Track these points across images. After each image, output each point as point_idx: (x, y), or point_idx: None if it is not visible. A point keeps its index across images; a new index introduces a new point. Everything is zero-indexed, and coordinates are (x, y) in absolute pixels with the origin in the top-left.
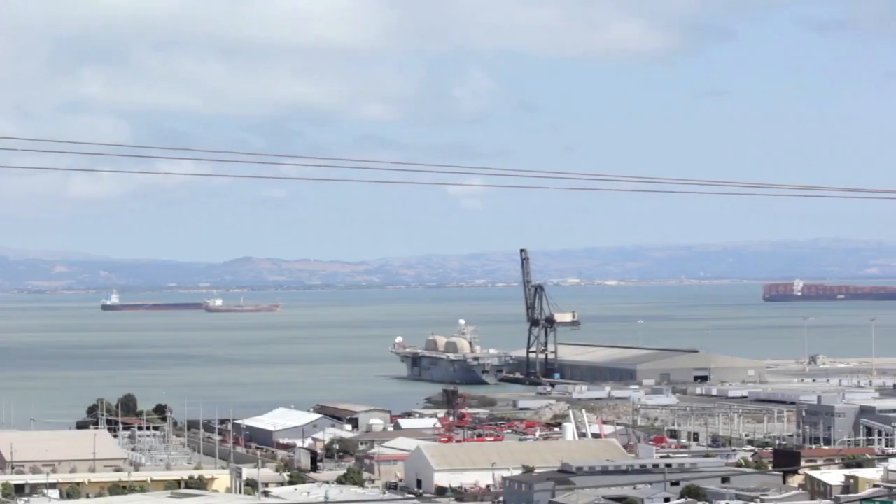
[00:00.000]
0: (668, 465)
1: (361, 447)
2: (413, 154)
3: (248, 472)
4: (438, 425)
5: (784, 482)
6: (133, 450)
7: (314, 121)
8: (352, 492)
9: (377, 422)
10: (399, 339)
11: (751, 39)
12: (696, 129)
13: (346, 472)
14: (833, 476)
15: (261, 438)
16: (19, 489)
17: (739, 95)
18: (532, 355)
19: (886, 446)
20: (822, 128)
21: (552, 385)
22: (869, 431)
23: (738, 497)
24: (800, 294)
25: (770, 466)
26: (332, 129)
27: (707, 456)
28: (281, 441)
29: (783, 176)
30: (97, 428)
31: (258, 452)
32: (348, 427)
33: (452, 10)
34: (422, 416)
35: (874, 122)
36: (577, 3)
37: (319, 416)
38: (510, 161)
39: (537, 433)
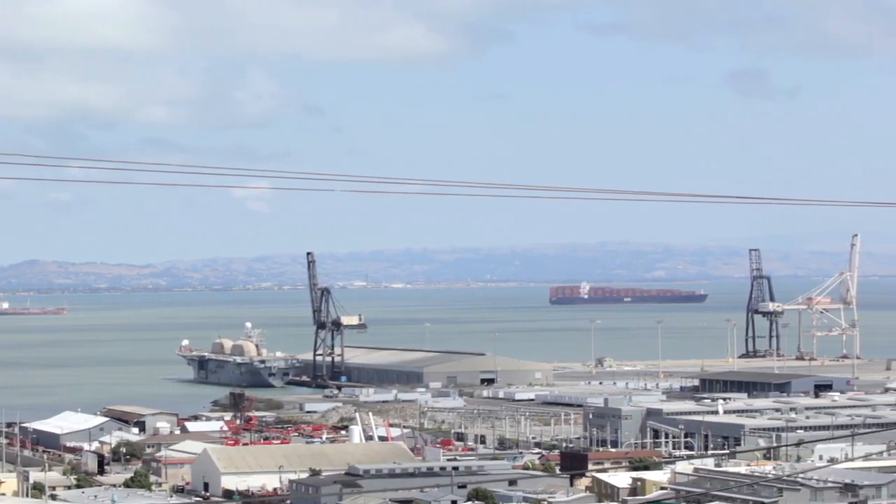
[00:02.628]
0: (456, 468)
1: (148, 450)
2: (197, 157)
3: (35, 475)
4: (225, 428)
5: (571, 484)
6: None
7: (98, 123)
8: (139, 495)
9: (164, 425)
10: (185, 342)
11: (530, 43)
12: (478, 131)
13: (133, 475)
14: (620, 478)
15: (48, 441)
16: None
17: (519, 98)
18: (319, 358)
19: (673, 448)
20: (604, 130)
21: (339, 388)
22: (656, 434)
23: (525, 500)
24: (586, 297)
25: (557, 469)
26: (116, 132)
27: (494, 459)
28: (68, 444)
29: (568, 179)
30: None
31: (45, 456)
32: (135, 430)
33: (233, 12)
34: (208, 419)
35: (655, 124)
36: (358, 6)
37: (106, 419)
38: (294, 164)
39: (324, 436)
